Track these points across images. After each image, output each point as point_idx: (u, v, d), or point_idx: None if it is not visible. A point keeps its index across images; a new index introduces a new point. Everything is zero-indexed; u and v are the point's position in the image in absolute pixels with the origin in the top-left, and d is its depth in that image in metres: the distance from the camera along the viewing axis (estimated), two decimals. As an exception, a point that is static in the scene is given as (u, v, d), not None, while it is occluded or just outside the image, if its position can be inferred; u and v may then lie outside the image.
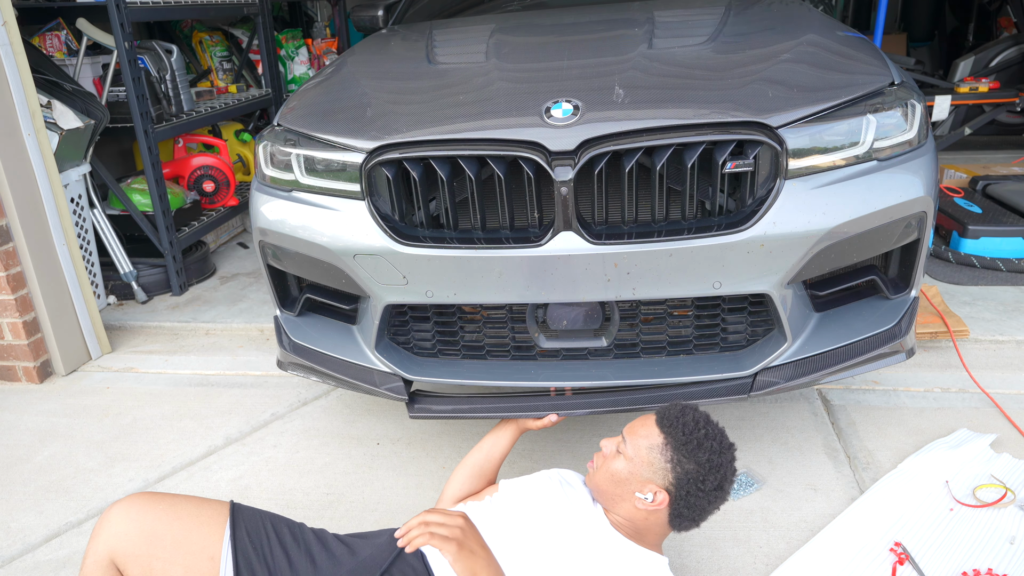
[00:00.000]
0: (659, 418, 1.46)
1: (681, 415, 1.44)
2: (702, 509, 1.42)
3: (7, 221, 2.70)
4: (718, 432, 1.43)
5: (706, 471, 1.39)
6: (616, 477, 1.45)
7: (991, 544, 1.74)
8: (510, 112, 1.77)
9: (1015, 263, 3.17)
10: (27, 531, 2.04)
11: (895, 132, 1.80)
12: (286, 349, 2.17)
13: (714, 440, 1.41)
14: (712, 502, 1.42)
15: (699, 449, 1.39)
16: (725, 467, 1.41)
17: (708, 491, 1.39)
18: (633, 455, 1.44)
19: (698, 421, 1.42)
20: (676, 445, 1.40)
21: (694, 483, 1.39)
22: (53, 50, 3.58)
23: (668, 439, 1.41)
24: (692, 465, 1.39)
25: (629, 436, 1.47)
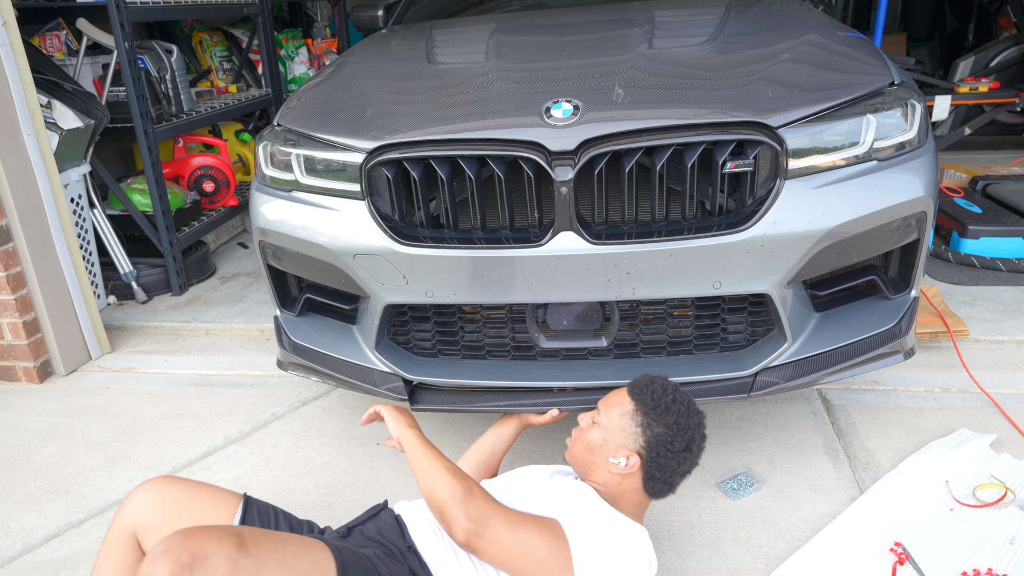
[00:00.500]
0: (630, 387, 1.55)
1: (650, 383, 1.53)
2: (672, 471, 1.49)
3: (7, 221, 2.70)
4: (686, 398, 1.52)
5: (674, 432, 1.47)
6: (591, 445, 1.54)
7: (991, 544, 1.74)
8: (510, 112, 1.77)
9: (1015, 263, 3.17)
10: (27, 531, 2.04)
11: (895, 132, 1.80)
12: (286, 349, 2.17)
13: (681, 404, 1.50)
14: (681, 463, 1.49)
15: (667, 412, 1.48)
16: (692, 429, 1.49)
17: (676, 452, 1.48)
18: (607, 423, 1.53)
19: (666, 388, 1.51)
20: (646, 410, 1.49)
21: (663, 445, 1.47)
22: (53, 50, 3.58)
23: (638, 405, 1.50)
24: (661, 428, 1.47)
25: (603, 407, 1.56)
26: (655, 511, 1.95)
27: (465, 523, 1.34)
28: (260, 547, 1.23)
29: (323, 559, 1.30)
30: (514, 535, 1.36)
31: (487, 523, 1.34)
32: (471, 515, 1.34)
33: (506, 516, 1.38)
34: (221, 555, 1.16)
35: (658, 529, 1.89)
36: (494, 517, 1.36)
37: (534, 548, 1.36)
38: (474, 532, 1.34)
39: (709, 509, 1.95)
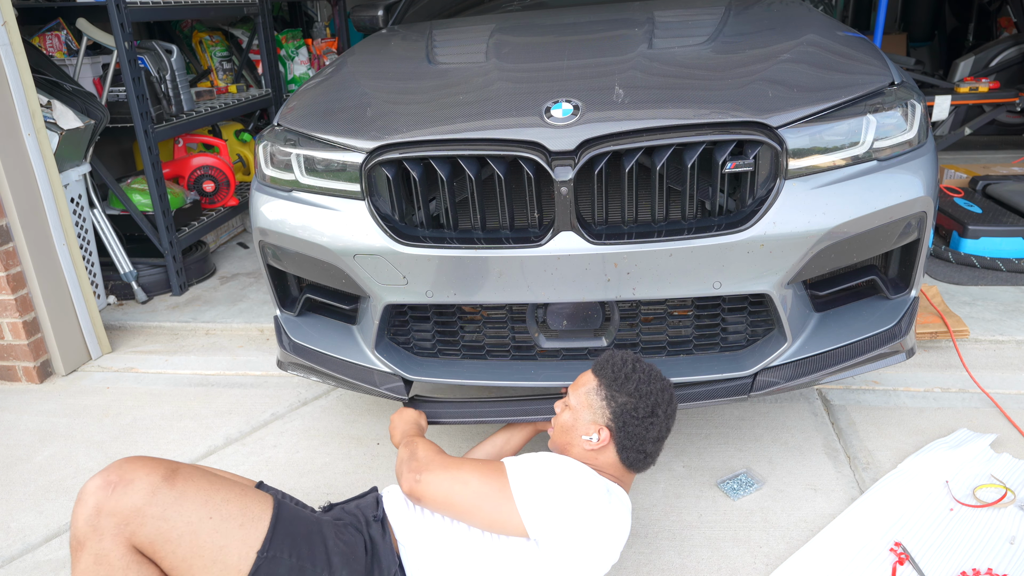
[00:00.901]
0: (593, 366, 1.61)
1: (610, 357, 1.59)
2: (641, 438, 1.53)
3: (7, 221, 2.70)
4: (646, 367, 1.57)
5: (636, 399, 1.52)
6: (565, 427, 1.59)
7: (991, 544, 1.74)
8: (510, 112, 1.77)
9: (1015, 263, 3.17)
10: (27, 531, 2.04)
11: (895, 132, 1.80)
12: (286, 349, 2.17)
13: (641, 373, 1.54)
14: (648, 429, 1.53)
15: (627, 381, 1.53)
16: (655, 395, 1.53)
17: (642, 418, 1.52)
18: (575, 403, 1.59)
19: (625, 360, 1.57)
20: (607, 383, 1.55)
21: (628, 413, 1.52)
22: (53, 50, 3.58)
23: (600, 380, 1.56)
24: (624, 397, 1.52)
25: (571, 389, 1.62)
26: (655, 511, 1.95)
27: (407, 475, 1.48)
28: (189, 483, 1.31)
29: (257, 508, 1.36)
30: (447, 474, 1.45)
31: (424, 470, 1.47)
32: (411, 467, 1.49)
33: (444, 462, 1.50)
34: (146, 481, 1.27)
35: (658, 529, 1.89)
36: (431, 463, 1.49)
37: (468, 481, 1.43)
38: (413, 479, 1.46)
39: (709, 509, 1.95)
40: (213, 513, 1.30)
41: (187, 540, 1.27)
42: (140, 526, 1.25)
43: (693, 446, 2.22)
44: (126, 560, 1.25)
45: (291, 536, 1.36)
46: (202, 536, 1.28)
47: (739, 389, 1.87)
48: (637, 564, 1.78)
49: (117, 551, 1.24)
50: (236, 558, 1.29)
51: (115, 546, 1.24)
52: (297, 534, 1.37)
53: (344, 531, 1.45)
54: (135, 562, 1.26)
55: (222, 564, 1.28)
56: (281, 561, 1.32)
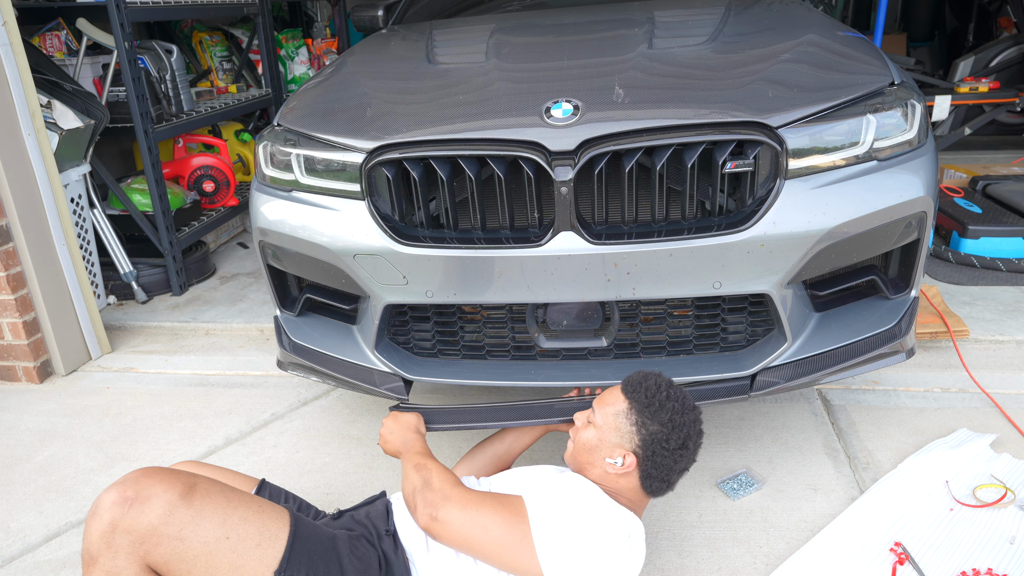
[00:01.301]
0: (624, 385, 1.53)
1: (644, 380, 1.50)
2: (668, 468, 1.47)
3: (7, 221, 2.70)
4: (680, 395, 1.50)
5: (669, 430, 1.45)
6: (588, 445, 1.52)
7: (991, 544, 1.74)
8: (510, 112, 1.77)
9: (1015, 263, 3.17)
10: (27, 531, 2.04)
11: (895, 132, 1.80)
12: (286, 349, 2.17)
13: (676, 401, 1.47)
14: (677, 461, 1.47)
15: (661, 410, 1.45)
16: (688, 426, 1.47)
17: (672, 450, 1.45)
18: (602, 423, 1.51)
19: (660, 385, 1.49)
20: (640, 408, 1.47)
21: (659, 443, 1.45)
22: (53, 50, 3.58)
23: (632, 404, 1.48)
24: (656, 426, 1.45)
25: (598, 406, 1.54)
26: (655, 511, 1.95)
27: (423, 509, 1.40)
28: (207, 501, 1.27)
29: (275, 526, 1.33)
30: (467, 516, 1.38)
31: (442, 506, 1.39)
32: (427, 499, 1.41)
33: (462, 500, 1.41)
34: (163, 499, 1.23)
35: (658, 529, 1.89)
36: (447, 502, 1.40)
37: (488, 527, 1.37)
38: (430, 516, 1.39)
39: (709, 509, 1.95)
40: (230, 533, 1.27)
41: (203, 560, 1.24)
42: (155, 545, 1.22)
43: (693, 446, 2.22)
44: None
45: (307, 555, 1.34)
46: (218, 556, 1.25)
47: (739, 389, 1.87)
48: (637, 564, 1.78)
49: (130, 570, 1.22)
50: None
51: (128, 564, 1.22)
52: (313, 552, 1.35)
53: (358, 546, 1.43)
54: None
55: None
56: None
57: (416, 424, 1.74)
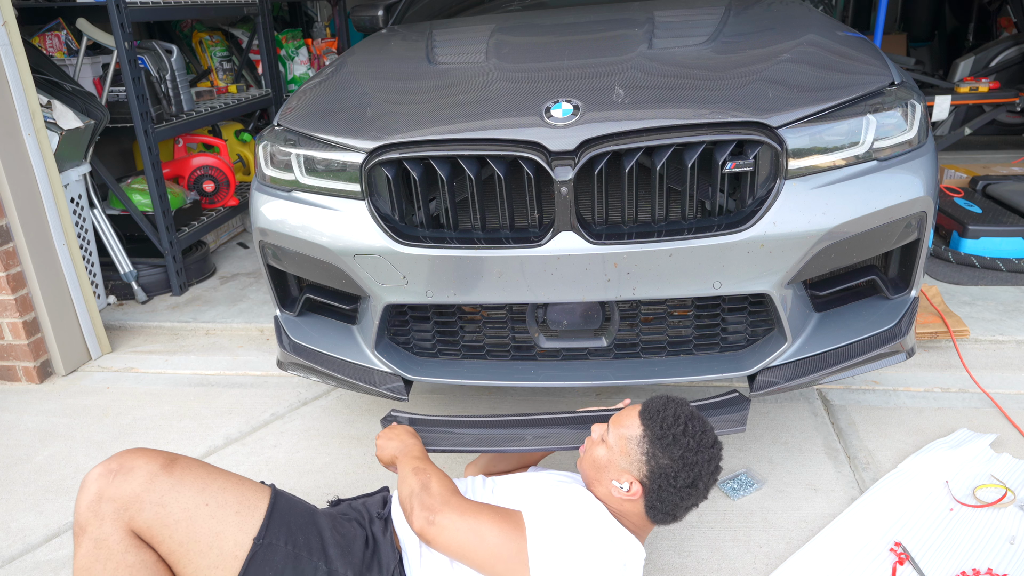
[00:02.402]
0: (642, 410, 1.46)
1: (663, 408, 1.43)
2: (674, 504, 1.41)
3: (7, 221, 2.70)
4: (699, 430, 1.41)
5: (678, 467, 1.38)
6: (597, 463, 1.47)
7: (991, 544, 1.74)
8: (510, 112, 1.77)
9: (1015, 263, 3.17)
10: (27, 531, 2.04)
11: (895, 132, 1.80)
12: (286, 349, 2.17)
13: (691, 438, 1.39)
14: (684, 499, 1.41)
15: (674, 445, 1.38)
16: (700, 466, 1.39)
17: (679, 488, 1.39)
18: (614, 444, 1.45)
19: (679, 417, 1.40)
20: (652, 439, 1.40)
21: (666, 478, 1.39)
22: (53, 50, 3.58)
23: (646, 432, 1.41)
24: (666, 460, 1.38)
25: (613, 425, 1.48)
26: (655, 511, 1.95)
27: (419, 512, 1.39)
28: (186, 472, 1.34)
29: (254, 496, 1.37)
30: (464, 523, 1.37)
31: (439, 511, 1.38)
32: (425, 505, 1.39)
33: (460, 506, 1.39)
34: (145, 469, 1.31)
35: (658, 530, 1.89)
36: (446, 507, 1.39)
37: (484, 536, 1.35)
38: (426, 520, 1.37)
39: (709, 509, 1.95)
40: (209, 500, 1.32)
41: (183, 525, 1.29)
42: (139, 511, 1.28)
43: (693, 446, 2.21)
44: (125, 544, 1.28)
45: (287, 524, 1.37)
46: (198, 522, 1.30)
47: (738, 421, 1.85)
48: (637, 564, 1.78)
49: (116, 535, 1.28)
50: (232, 544, 1.31)
51: (114, 530, 1.28)
52: (293, 523, 1.38)
53: (342, 524, 1.45)
54: (133, 546, 1.28)
55: (218, 550, 1.30)
56: (277, 548, 1.34)
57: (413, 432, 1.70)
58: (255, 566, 1.31)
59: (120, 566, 1.27)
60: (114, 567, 1.26)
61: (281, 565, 1.33)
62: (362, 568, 1.39)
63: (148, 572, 1.28)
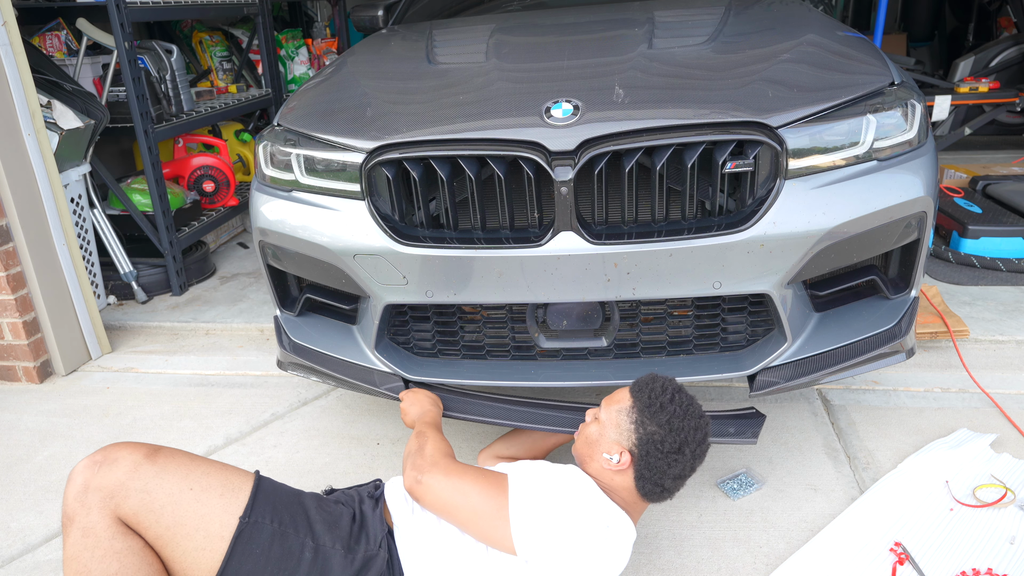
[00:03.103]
0: (632, 385, 1.54)
1: (651, 381, 1.51)
2: (662, 472, 1.46)
3: (7, 221, 2.70)
4: (686, 399, 1.49)
5: (665, 432, 1.45)
6: (589, 439, 1.54)
7: (991, 544, 1.74)
8: (510, 112, 1.77)
9: (1015, 263, 3.17)
10: (27, 531, 2.04)
11: (895, 132, 1.80)
12: (286, 349, 2.17)
13: (678, 406, 1.47)
14: (671, 465, 1.46)
15: (661, 411, 1.46)
16: (687, 431, 1.45)
17: (666, 452, 1.45)
18: (605, 419, 1.53)
19: (665, 387, 1.49)
20: (641, 407, 1.48)
21: (654, 444, 1.45)
22: (53, 50, 3.58)
23: (635, 402, 1.49)
24: (653, 427, 1.45)
25: (604, 403, 1.57)
26: (655, 511, 1.95)
27: (410, 472, 1.48)
28: (169, 460, 1.38)
29: (238, 480, 1.42)
30: (449, 482, 1.43)
31: (427, 471, 1.46)
32: (415, 465, 1.48)
33: (448, 467, 1.47)
34: (129, 459, 1.35)
35: (658, 529, 1.89)
36: (435, 468, 1.47)
37: (468, 495, 1.41)
38: (415, 478, 1.46)
39: (709, 509, 1.95)
40: (193, 484, 1.36)
41: (169, 510, 1.32)
42: (124, 499, 1.31)
43: (693, 446, 2.22)
44: (112, 531, 1.30)
45: (272, 504, 1.41)
46: (183, 506, 1.33)
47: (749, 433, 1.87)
48: (637, 564, 1.78)
49: (103, 523, 1.30)
50: (218, 525, 1.34)
51: (101, 518, 1.30)
52: (279, 503, 1.42)
53: (328, 504, 1.49)
54: (120, 533, 1.31)
55: (204, 531, 1.33)
56: (263, 526, 1.36)
57: (434, 403, 1.83)
58: (242, 544, 1.33)
59: (108, 552, 1.29)
60: (102, 554, 1.29)
61: (268, 542, 1.35)
62: (349, 540, 1.43)
63: (136, 557, 1.30)
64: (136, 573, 1.29)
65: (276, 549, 1.35)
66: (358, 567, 1.40)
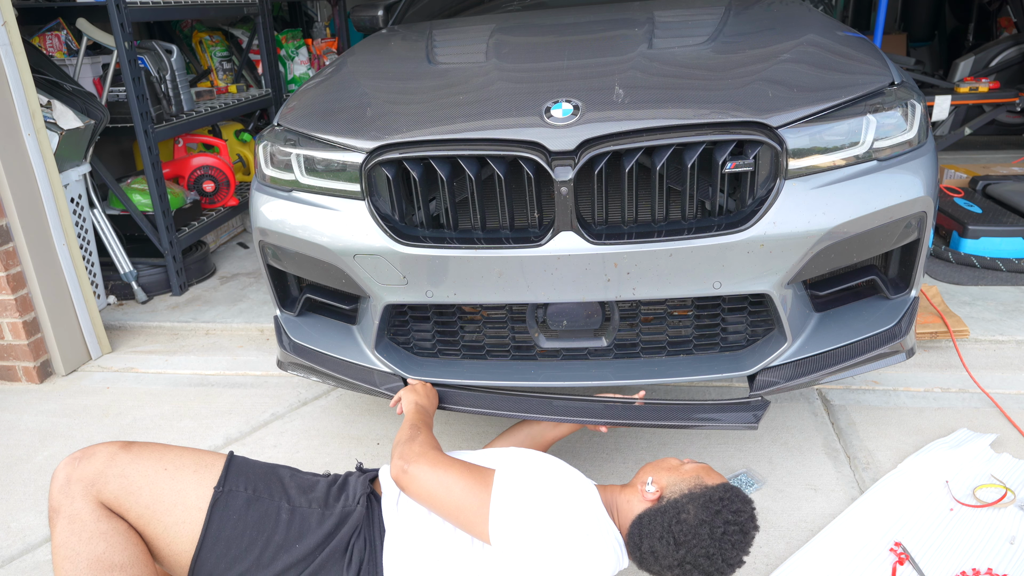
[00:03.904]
0: (729, 482, 1.45)
1: (739, 495, 1.40)
2: (652, 539, 1.38)
3: (7, 221, 2.70)
4: (730, 541, 1.34)
5: (686, 530, 1.34)
6: (663, 463, 1.51)
7: (991, 544, 1.74)
8: (510, 112, 1.77)
9: (1015, 263, 3.17)
10: (27, 531, 2.04)
11: (895, 132, 1.80)
12: (286, 349, 2.17)
13: (725, 532, 1.33)
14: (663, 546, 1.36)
15: (712, 515, 1.34)
16: (697, 552, 1.33)
17: (674, 537, 1.35)
18: (688, 468, 1.46)
19: (739, 513, 1.36)
20: (708, 494, 1.38)
21: (675, 518, 1.36)
22: (53, 50, 3.58)
23: (713, 488, 1.40)
24: (690, 515, 1.36)
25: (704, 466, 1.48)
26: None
27: (397, 461, 1.50)
28: (143, 448, 1.46)
29: (210, 459, 1.49)
30: (435, 474, 1.45)
31: (413, 461, 1.48)
32: (403, 454, 1.50)
33: (435, 459, 1.49)
34: (106, 451, 1.43)
35: (658, 529, 1.89)
36: (422, 458, 1.48)
37: (451, 488, 1.43)
38: (401, 469, 1.48)
39: (709, 509, 1.95)
40: (168, 465, 1.44)
41: (147, 490, 1.39)
42: (104, 484, 1.38)
43: (693, 446, 2.22)
44: (96, 515, 1.36)
45: (245, 475, 1.48)
46: (160, 484, 1.40)
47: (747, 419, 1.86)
48: (637, 564, 1.78)
49: (87, 508, 1.36)
50: (194, 498, 1.41)
51: (85, 505, 1.37)
52: (252, 473, 1.49)
53: (302, 475, 1.55)
54: (104, 516, 1.37)
55: (182, 505, 1.40)
56: (238, 494, 1.43)
57: (429, 396, 1.86)
58: (218, 512, 1.40)
59: (94, 534, 1.34)
60: (88, 536, 1.34)
61: (244, 508, 1.42)
62: (327, 499, 1.49)
63: (120, 537, 1.36)
64: (123, 551, 1.34)
65: (252, 514, 1.42)
66: (335, 521, 1.45)
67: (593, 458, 2.19)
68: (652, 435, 2.27)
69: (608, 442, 2.26)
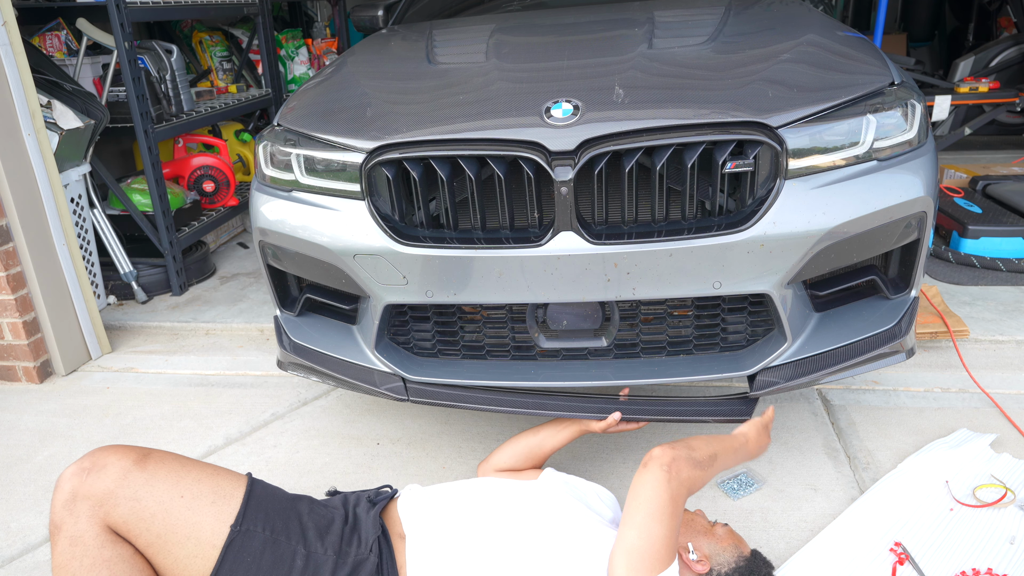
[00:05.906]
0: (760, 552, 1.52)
1: (764, 560, 1.50)
2: None
3: (7, 221, 2.70)
4: None
5: None
6: (696, 523, 1.52)
7: (991, 544, 1.74)
8: (510, 112, 1.77)
9: (1015, 263, 3.17)
10: (27, 531, 2.04)
11: (895, 132, 1.80)
12: (286, 349, 2.17)
13: None
14: None
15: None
16: None
17: None
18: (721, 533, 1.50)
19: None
20: (749, 567, 1.45)
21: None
22: (53, 50, 3.58)
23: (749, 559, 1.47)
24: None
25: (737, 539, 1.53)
26: (655, 511, 1.95)
27: (679, 463, 1.40)
28: (160, 465, 1.35)
29: (230, 486, 1.39)
30: (672, 499, 1.36)
31: (681, 479, 1.39)
32: (684, 465, 1.41)
33: (681, 492, 1.39)
34: (118, 465, 1.31)
35: (658, 529, 1.89)
36: (684, 485, 1.39)
37: (667, 520, 1.35)
38: (673, 471, 1.39)
39: (709, 509, 1.95)
40: (184, 492, 1.33)
41: (160, 518, 1.30)
42: (113, 507, 1.29)
43: (693, 446, 2.22)
44: (101, 539, 1.28)
45: (264, 511, 1.38)
46: (174, 514, 1.31)
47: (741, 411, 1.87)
48: (637, 564, 1.78)
49: (92, 531, 1.28)
50: (209, 533, 1.32)
51: (90, 527, 1.28)
52: (271, 509, 1.39)
53: (320, 507, 1.47)
54: (109, 541, 1.29)
55: (195, 540, 1.31)
56: (255, 535, 1.34)
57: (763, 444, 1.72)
58: (233, 553, 1.31)
59: (97, 561, 1.27)
60: (91, 563, 1.27)
61: (259, 551, 1.33)
62: (341, 544, 1.41)
63: (126, 565, 1.28)
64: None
65: (267, 557, 1.33)
66: (348, 571, 1.38)
67: (593, 458, 2.19)
68: (652, 436, 2.28)
69: (608, 442, 2.26)
